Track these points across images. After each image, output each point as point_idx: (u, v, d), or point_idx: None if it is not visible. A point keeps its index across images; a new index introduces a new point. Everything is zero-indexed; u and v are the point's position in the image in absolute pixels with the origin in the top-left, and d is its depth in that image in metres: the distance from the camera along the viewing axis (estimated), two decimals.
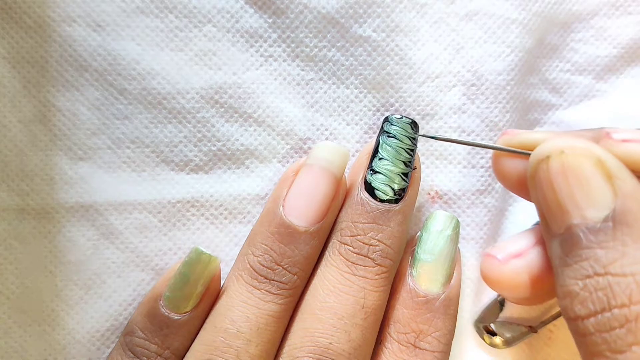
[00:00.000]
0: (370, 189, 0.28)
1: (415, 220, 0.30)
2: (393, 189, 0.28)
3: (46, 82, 0.29)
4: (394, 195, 0.28)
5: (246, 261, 0.27)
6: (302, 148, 0.30)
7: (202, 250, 0.27)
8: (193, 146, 0.30)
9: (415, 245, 0.29)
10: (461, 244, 0.30)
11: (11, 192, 0.29)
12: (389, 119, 0.28)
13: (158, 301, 0.27)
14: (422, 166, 0.30)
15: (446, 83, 0.30)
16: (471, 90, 0.30)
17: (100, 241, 0.29)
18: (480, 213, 0.31)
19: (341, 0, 0.30)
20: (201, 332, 0.27)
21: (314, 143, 0.30)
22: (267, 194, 0.30)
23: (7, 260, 0.29)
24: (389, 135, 0.28)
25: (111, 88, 0.29)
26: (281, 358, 0.27)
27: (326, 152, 0.28)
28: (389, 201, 0.28)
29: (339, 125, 0.31)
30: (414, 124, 0.28)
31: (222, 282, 0.28)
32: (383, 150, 0.28)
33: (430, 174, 0.31)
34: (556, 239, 0.22)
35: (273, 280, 0.27)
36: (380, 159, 0.28)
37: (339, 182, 0.28)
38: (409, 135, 0.28)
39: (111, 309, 0.29)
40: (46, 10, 0.28)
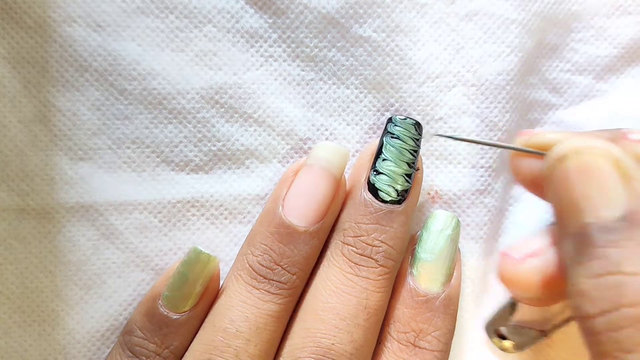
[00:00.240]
0: (373, 190, 0.28)
1: (415, 219, 0.30)
2: (396, 190, 0.28)
3: (46, 82, 0.29)
4: (397, 196, 0.28)
5: (245, 261, 0.27)
6: (302, 148, 0.30)
7: (201, 249, 0.27)
8: (193, 146, 0.30)
9: (415, 244, 0.29)
10: (461, 244, 0.30)
11: (11, 192, 0.29)
12: (393, 120, 0.28)
13: (157, 300, 0.27)
14: (422, 166, 0.30)
15: (446, 83, 0.30)
16: (471, 90, 0.30)
17: (100, 241, 0.29)
18: (480, 213, 0.31)
19: (341, 0, 0.30)
20: (200, 332, 0.27)
21: (314, 143, 0.30)
22: (267, 194, 0.30)
23: (7, 260, 0.29)
24: (393, 136, 0.28)
25: (112, 88, 0.29)
26: (282, 358, 0.27)
27: (326, 152, 0.28)
28: (392, 202, 0.27)
29: (339, 125, 0.31)
30: (418, 125, 0.28)
31: (222, 282, 0.28)
32: (387, 151, 0.28)
33: (430, 174, 0.31)
34: (570, 238, 0.22)
35: (272, 280, 0.27)
36: (384, 160, 0.28)
37: (339, 182, 0.28)
38: (413, 136, 0.28)
39: (111, 309, 0.29)
40: (46, 10, 0.28)
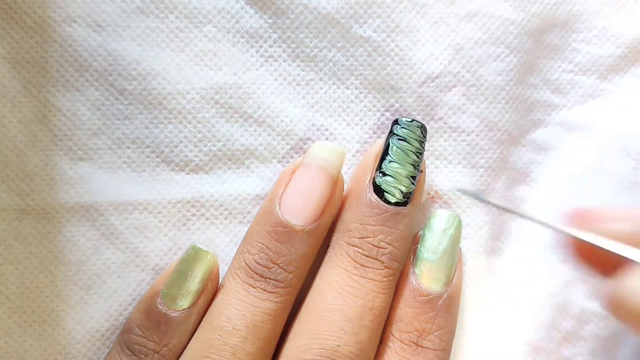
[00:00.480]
0: (379, 191, 0.28)
1: (415, 219, 0.30)
2: (401, 192, 0.28)
3: (46, 82, 0.29)
4: (403, 197, 0.28)
5: (242, 260, 0.27)
6: (302, 148, 0.30)
7: (200, 247, 0.27)
8: (193, 146, 0.30)
9: (417, 244, 0.29)
10: (461, 244, 0.30)
11: (11, 192, 0.29)
12: (399, 122, 0.28)
13: (155, 298, 0.27)
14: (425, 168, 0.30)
15: (446, 83, 0.30)
16: (471, 90, 0.30)
17: (100, 241, 0.29)
18: (480, 213, 0.31)
19: (341, 0, 0.30)
20: (198, 330, 0.27)
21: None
22: (267, 194, 0.30)
23: (7, 260, 0.29)
24: (399, 138, 0.28)
25: (111, 88, 0.29)
26: (286, 359, 0.27)
27: (323, 152, 0.28)
28: (398, 204, 0.27)
29: (339, 125, 0.30)
30: (423, 128, 0.28)
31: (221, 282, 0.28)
32: (393, 152, 0.28)
33: (430, 174, 0.30)
34: None
35: (269, 278, 0.27)
36: (390, 162, 0.28)
37: (336, 182, 0.28)
38: (419, 138, 0.28)
39: (111, 309, 0.29)
40: (46, 10, 0.29)
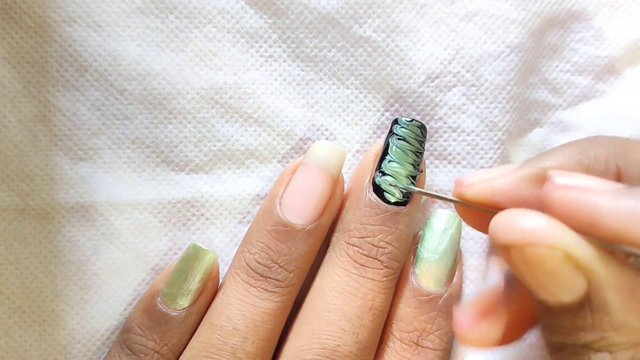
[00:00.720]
0: (379, 191, 0.28)
1: (415, 219, 0.30)
2: (401, 191, 0.28)
3: (46, 82, 0.29)
4: (402, 197, 0.28)
5: (242, 259, 0.27)
6: (302, 148, 0.30)
7: (200, 246, 0.27)
8: (193, 146, 0.30)
9: (417, 243, 0.29)
10: (461, 244, 0.30)
11: (11, 192, 0.29)
12: (399, 122, 0.28)
13: (156, 297, 0.27)
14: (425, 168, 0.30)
15: (446, 83, 0.30)
16: (471, 90, 0.30)
17: (100, 241, 0.29)
18: None
19: (341, 0, 0.30)
20: (198, 330, 0.27)
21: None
22: (267, 194, 0.30)
23: (7, 260, 0.29)
24: (399, 137, 0.28)
25: (111, 88, 0.29)
26: (286, 359, 0.27)
27: (323, 151, 0.28)
28: (397, 203, 0.28)
29: (339, 125, 0.31)
30: (423, 128, 0.28)
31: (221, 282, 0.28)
32: (393, 152, 0.28)
33: (430, 174, 0.31)
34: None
35: (269, 278, 0.27)
36: (389, 162, 0.28)
37: (336, 181, 0.28)
38: (418, 138, 0.28)
39: (111, 309, 0.29)
40: (46, 10, 0.28)
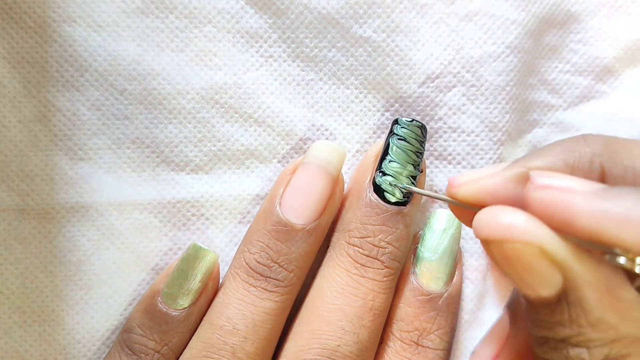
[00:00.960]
0: (379, 191, 0.28)
1: (415, 219, 0.30)
2: (401, 191, 0.28)
3: (46, 82, 0.29)
4: (403, 197, 0.28)
5: (242, 259, 0.27)
6: (302, 148, 0.30)
7: (200, 245, 0.27)
8: (193, 146, 0.30)
9: (417, 243, 0.29)
10: (461, 244, 0.30)
11: (11, 192, 0.29)
12: (399, 122, 0.28)
13: (156, 297, 0.27)
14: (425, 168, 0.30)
15: (446, 83, 0.30)
16: (471, 90, 0.30)
17: (100, 241, 0.29)
18: None
19: (341, 0, 0.30)
20: (198, 329, 0.27)
21: None
22: (267, 194, 0.30)
23: (7, 260, 0.29)
24: (399, 137, 0.28)
25: (111, 88, 0.29)
26: (286, 359, 0.27)
27: (323, 151, 0.28)
28: (398, 203, 0.28)
29: (339, 125, 0.31)
30: (423, 128, 0.28)
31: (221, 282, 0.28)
32: (393, 152, 0.28)
33: (430, 174, 0.31)
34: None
35: (269, 277, 0.27)
36: (390, 162, 0.28)
37: (336, 181, 0.28)
38: (419, 138, 0.28)
39: (111, 309, 0.29)
40: (46, 10, 0.28)
